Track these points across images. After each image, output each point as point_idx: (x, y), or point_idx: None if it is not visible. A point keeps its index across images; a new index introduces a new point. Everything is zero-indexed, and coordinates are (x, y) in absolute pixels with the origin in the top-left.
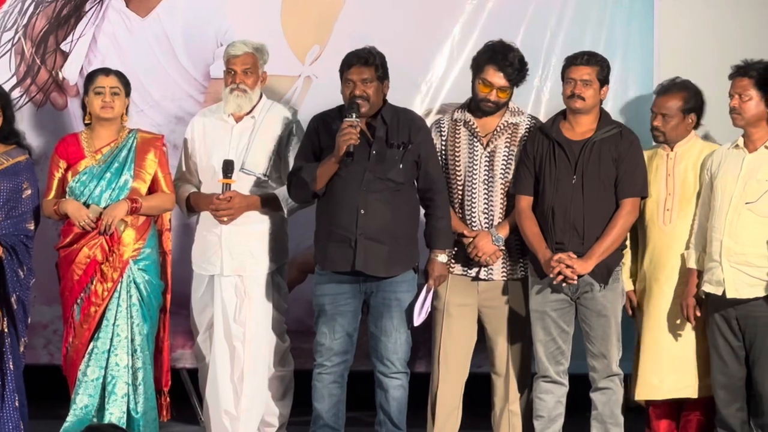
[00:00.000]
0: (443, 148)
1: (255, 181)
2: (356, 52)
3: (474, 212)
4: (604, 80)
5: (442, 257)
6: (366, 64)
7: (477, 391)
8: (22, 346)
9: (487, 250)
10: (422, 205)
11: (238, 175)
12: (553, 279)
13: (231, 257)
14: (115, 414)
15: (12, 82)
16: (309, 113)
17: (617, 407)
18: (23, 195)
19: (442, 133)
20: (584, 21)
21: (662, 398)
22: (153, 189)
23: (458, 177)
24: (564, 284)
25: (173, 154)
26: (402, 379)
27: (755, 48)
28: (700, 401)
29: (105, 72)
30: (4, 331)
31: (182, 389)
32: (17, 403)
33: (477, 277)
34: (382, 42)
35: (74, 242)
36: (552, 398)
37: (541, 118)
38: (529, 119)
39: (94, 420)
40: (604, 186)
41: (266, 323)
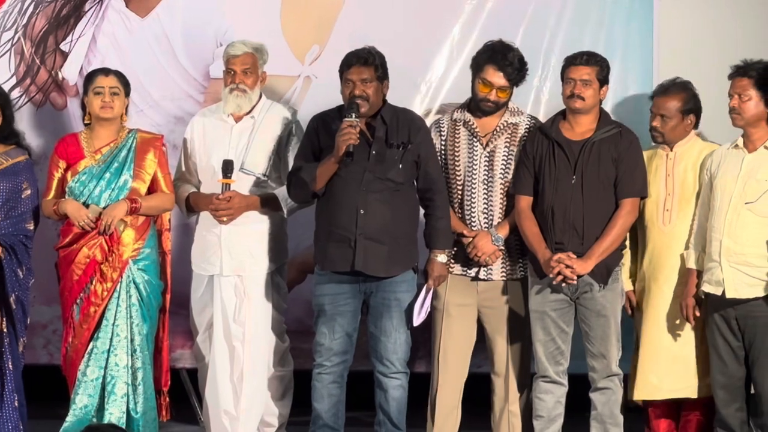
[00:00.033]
0: (443, 148)
1: (254, 181)
2: (356, 52)
3: (473, 212)
4: (604, 80)
5: (442, 257)
6: (366, 64)
7: (476, 391)
8: (21, 346)
9: (487, 250)
10: (422, 205)
11: (238, 175)
12: (553, 279)
13: (230, 257)
14: (115, 414)
15: (11, 82)
16: (308, 113)
17: (617, 407)
18: (23, 195)
19: (442, 133)
20: (583, 21)
21: (662, 398)
22: (152, 189)
23: (458, 177)
24: (563, 284)
25: (173, 154)
26: (401, 379)
27: (755, 48)
28: (700, 401)
29: (104, 72)
30: (3, 331)
31: (182, 389)
32: (16, 403)
33: (476, 277)
34: (382, 42)
35: (74, 242)
36: (551, 398)
37: (541, 118)
38: (529, 119)
39: (94, 420)
40: (604, 186)
41: (266, 323)
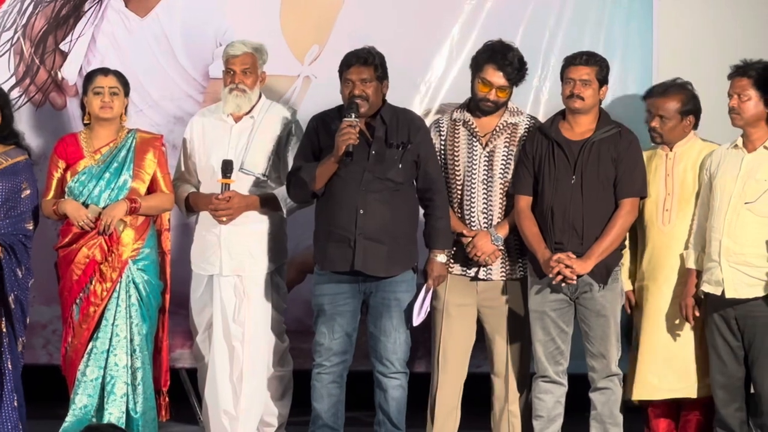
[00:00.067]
0: (442, 148)
1: (254, 181)
2: (355, 52)
3: (473, 212)
4: (603, 80)
5: (442, 257)
6: (365, 64)
7: (476, 391)
8: (20, 346)
9: (486, 250)
10: (421, 205)
11: (237, 175)
12: (553, 279)
13: (230, 257)
14: (114, 414)
15: (11, 82)
16: (308, 113)
17: (616, 407)
18: (22, 195)
19: (441, 133)
20: (583, 21)
21: (661, 398)
22: (152, 189)
23: (457, 177)
24: (563, 284)
25: (172, 154)
26: (401, 379)
27: (755, 48)
28: (699, 401)
29: (104, 72)
30: (2, 331)
31: (181, 389)
32: (16, 403)
33: (476, 277)
34: (382, 42)
35: (73, 242)
36: (551, 398)
37: (540, 118)
38: (528, 119)
39: (93, 420)
40: (603, 186)
41: (265, 323)
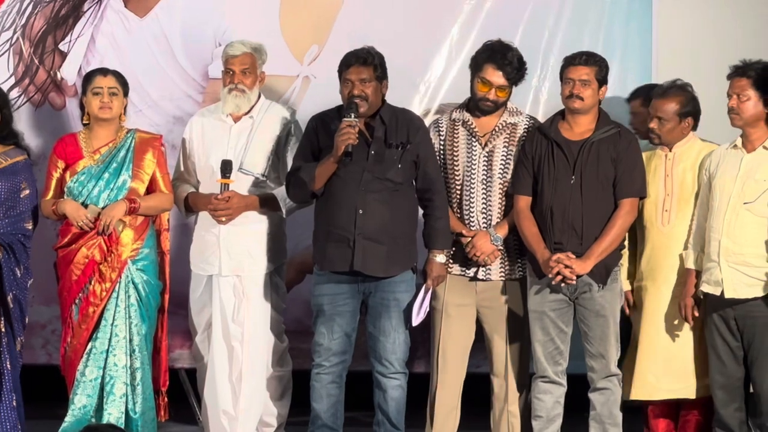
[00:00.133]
0: (441, 148)
1: (253, 181)
2: (355, 52)
3: (472, 212)
4: (603, 80)
5: (441, 257)
6: (364, 64)
7: (476, 391)
8: (19, 346)
9: (486, 250)
10: (421, 206)
11: (237, 175)
12: (552, 279)
13: (229, 257)
14: (114, 414)
15: (10, 82)
16: (307, 113)
17: (616, 407)
18: (21, 195)
19: (441, 133)
20: (582, 21)
21: (660, 399)
22: (151, 189)
23: (456, 177)
24: (562, 284)
25: (172, 154)
26: (400, 380)
27: (755, 48)
28: (699, 401)
29: (103, 72)
30: (1, 331)
31: (180, 389)
32: (14, 403)
33: (475, 277)
34: (381, 42)
35: (72, 242)
36: (550, 398)
37: (540, 119)
38: (528, 119)
39: (93, 420)
40: (603, 186)
41: (264, 323)
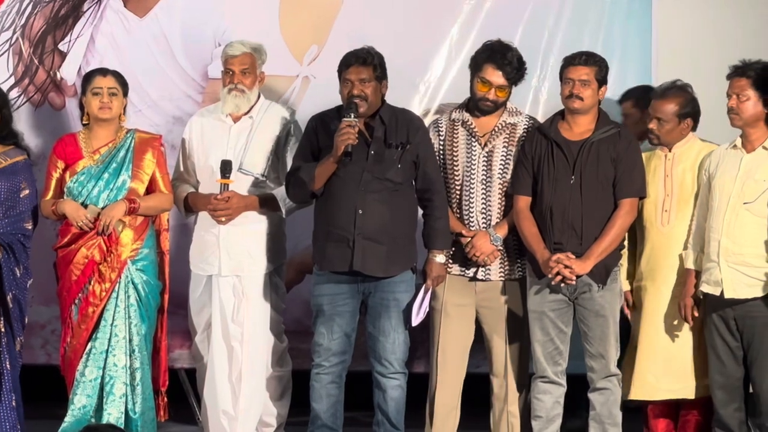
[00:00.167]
0: (441, 148)
1: (253, 182)
2: (354, 52)
3: (472, 212)
4: (603, 80)
5: (440, 257)
6: (364, 64)
7: (475, 392)
8: (19, 345)
9: (485, 250)
10: (420, 206)
11: (236, 176)
12: (552, 279)
13: (229, 257)
14: (113, 414)
15: (10, 82)
16: (307, 113)
17: (615, 407)
18: (21, 195)
19: (440, 133)
20: (582, 21)
21: (659, 399)
22: (151, 189)
23: (456, 177)
24: (562, 284)
25: (171, 155)
26: (400, 380)
27: (754, 48)
28: (699, 401)
29: (102, 72)
30: (1, 331)
31: (180, 389)
32: (14, 403)
33: (475, 278)
34: (381, 42)
35: (72, 242)
36: (550, 398)
37: (539, 119)
38: (527, 119)
39: (92, 420)
40: (603, 186)
41: (264, 323)
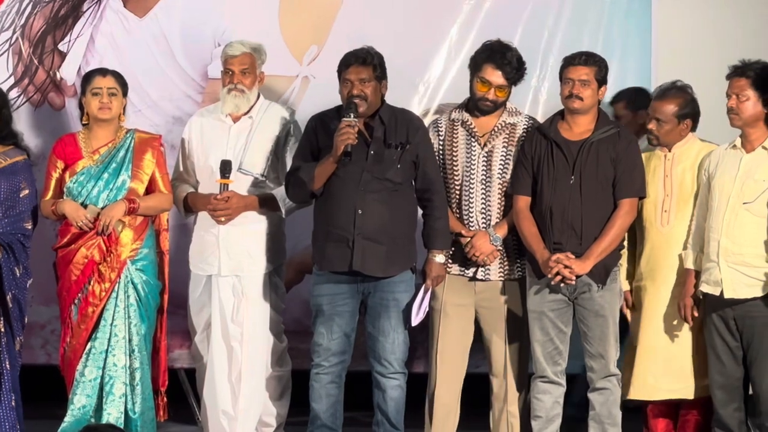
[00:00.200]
0: (441, 148)
1: (253, 182)
2: (354, 52)
3: (471, 212)
4: (602, 80)
5: (440, 257)
6: (364, 64)
7: (475, 392)
8: (18, 345)
9: (485, 250)
10: (420, 206)
11: (236, 176)
12: (551, 279)
13: (228, 257)
14: (113, 414)
15: (10, 83)
16: (307, 113)
17: (615, 407)
18: (21, 195)
19: (440, 133)
20: (582, 21)
21: (659, 399)
22: (151, 189)
23: (456, 177)
24: (562, 284)
25: (171, 155)
26: (400, 380)
27: (754, 48)
28: (698, 401)
29: (102, 72)
30: (0, 331)
31: (180, 389)
32: (13, 403)
33: (474, 277)
34: (380, 42)
35: (72, 242)
36: (549, 398)
37: (539, 119)
38: (527, 119)
39: (92, 420)
40: (602, 186)
41: (264, 323)
